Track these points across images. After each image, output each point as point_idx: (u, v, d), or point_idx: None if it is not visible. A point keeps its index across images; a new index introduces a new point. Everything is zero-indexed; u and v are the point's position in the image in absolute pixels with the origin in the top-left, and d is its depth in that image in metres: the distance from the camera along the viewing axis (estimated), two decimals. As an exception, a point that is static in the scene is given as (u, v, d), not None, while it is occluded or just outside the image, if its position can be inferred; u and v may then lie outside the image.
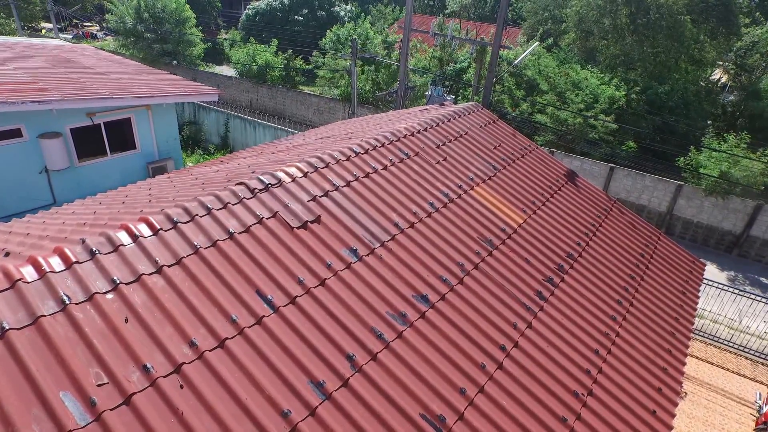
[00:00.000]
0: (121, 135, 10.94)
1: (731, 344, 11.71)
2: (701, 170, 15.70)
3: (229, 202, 4.93)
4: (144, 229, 4.37)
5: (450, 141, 7.51)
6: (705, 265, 7.64)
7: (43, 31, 40.43)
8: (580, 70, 21.35)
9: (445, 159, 7.03)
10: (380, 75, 23.26)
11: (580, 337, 5.27)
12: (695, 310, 6.56)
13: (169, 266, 4.12)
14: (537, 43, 18.24)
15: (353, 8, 39.66)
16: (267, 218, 4.92)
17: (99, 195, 8.16)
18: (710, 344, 11.64)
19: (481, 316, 4.92)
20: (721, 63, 26.57)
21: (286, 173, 5.57)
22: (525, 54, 14.94)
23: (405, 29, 13.11)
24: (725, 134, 16.84)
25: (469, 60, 21.87)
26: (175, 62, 28.74)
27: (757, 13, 30.96)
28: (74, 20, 47.05)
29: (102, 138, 10.51)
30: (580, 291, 5.90)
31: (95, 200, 7.59)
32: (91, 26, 48.08)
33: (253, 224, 4.81)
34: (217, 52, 37.79)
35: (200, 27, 31.79)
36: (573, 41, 25.62)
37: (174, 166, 11.63)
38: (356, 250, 4.96)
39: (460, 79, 23.98)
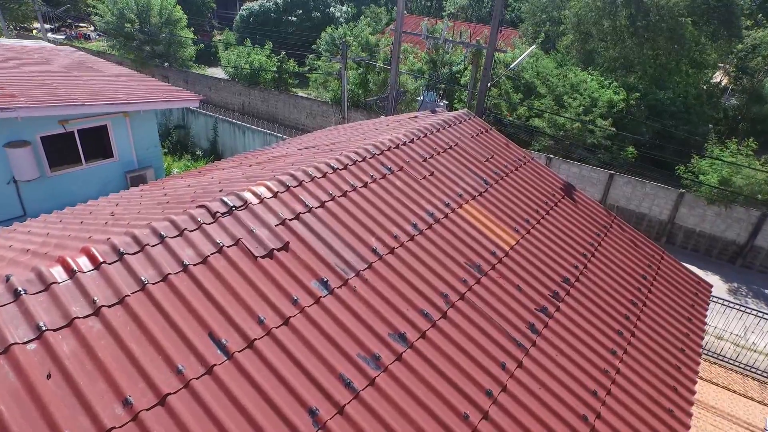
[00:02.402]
0: (97, 143, 10.43)
1: (737, 363, 11.16)
2: (702, 177, 15.20)
3: (185, 229, 4.44)
4: (84, 263, 3.87)
5: (438, 153, 7.02)
6: (711, 287, 7.15)
7: (34, 31, 39.87)
8: (579, 72, 20.86)
9: (432, 174, 6.53)
10: (371, 77, 22.74)
11: (577, 377, 4.78)
12: (702, 339, 6.07)
13: (109, 307, 3.63)
14: (535, 45, 17.72)
15: (349, 9, 39.12)
16: (228, 246, 4.43)
17: (67, 209, 7.69)
18: (714, 363, 11.11)
19: (466, 356, 4.43)
20: (722, 65, 26.09)
21: (254, 193, 5.08)
22: (522, 57, 14.44)
23: (396, 31, 12.61)
24: (727, 140, 16.33)
25: (464, 63, 21.38)
26: (166, 64, 28.20)
27: (759, 15, 30.48)
28: (68, 21, 46.54)
29: (76, 146, 10.00)
30: (577, 322, 5.41)
31: (58, 216, 7.11)
32: (84, 27, 47.54)
33: (212, 254, 4.31)
34: (212, 53, 37.28)
35: (192, 28, 31.20)
36: (571, 43, 25.14)
37: (154, 175, 11.12)
38: (327, 281, 4.47)
39: (456, 81, 23.48)
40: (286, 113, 25.95)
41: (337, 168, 5.81)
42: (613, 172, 17.25)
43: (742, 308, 10.91)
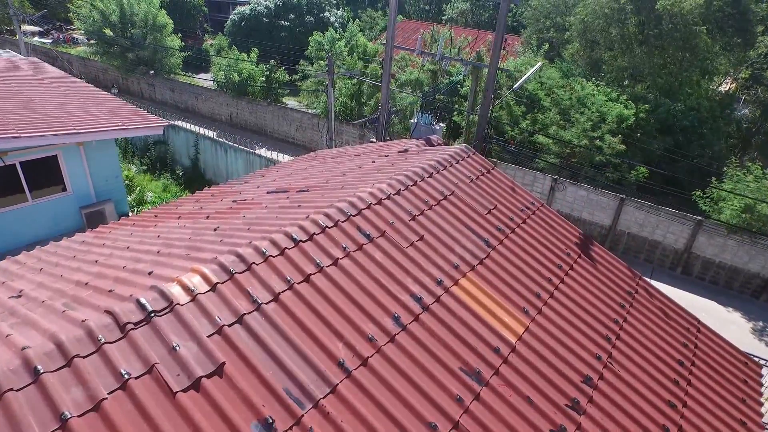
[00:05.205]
0: (46, 175, 9.21)
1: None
2: (722, 205, 13.95)
3: (76, 355, 3.24)
4: None
5: (430, 208, 5.83)
6: (762, 368, 5.95)
7: (17, 35, 38.67)
8: (586, 83, 19.62)
9: (421, 238, 5.34)
10: (365, 89, 21.54)
11: None
12: (758, 452, 4.88)
13: None
14: (540, 63, 16.50)
15: (345, 13, 37.84)
16: (136, 377, 3.24)
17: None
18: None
19: None
20: (733, 71, 24.83)
21: (184, 288, 3.89)
22: (527, 76, 13.24)
23: (387, 45, 11.40)
24: (749, 162, 15.08)
25: (464, 76, 20.17)
26: (152, 72, 26.95)
27: (770, 21, 29.21)
28: (57, 23, 45.32)
29: (19, 180, 8.79)
30: (605, 446, 4.20)
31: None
32: (74, 30, 46.26)
33: (111, 393, 3.13)
34: (203, 59, 36.02)
35: (179, 34, 29.91)
36: (577, 51, 23.91)
37: (114, 209, 9.90)
38: (273, 423, 3.28)
39: (456, 92, 22.23)
40: (275, 125, 24.68)
41: (300, 240, 4.61)
42: (623, 196, 15.98)
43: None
